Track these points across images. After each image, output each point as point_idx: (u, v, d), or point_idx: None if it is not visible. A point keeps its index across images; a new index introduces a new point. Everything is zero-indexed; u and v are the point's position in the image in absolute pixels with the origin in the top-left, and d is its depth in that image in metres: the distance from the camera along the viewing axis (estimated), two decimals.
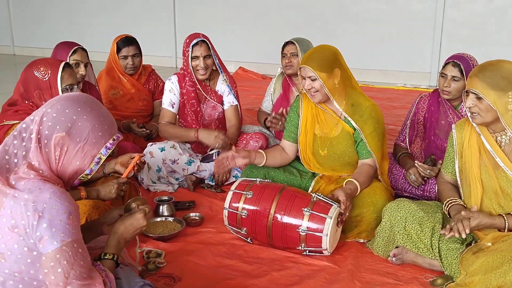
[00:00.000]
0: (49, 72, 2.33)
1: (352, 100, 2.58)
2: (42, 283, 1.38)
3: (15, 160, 1.42)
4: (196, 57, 3.16)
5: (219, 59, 3.30)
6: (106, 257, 1.57)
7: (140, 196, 2.03)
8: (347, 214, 2.34)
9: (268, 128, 3.51)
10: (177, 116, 3.34)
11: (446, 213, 2.22)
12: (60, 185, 1.46)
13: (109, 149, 1.51)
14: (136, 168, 2.48)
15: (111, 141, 1.52)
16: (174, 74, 3.34)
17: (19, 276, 1.37)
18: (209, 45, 3.19)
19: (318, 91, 2.52)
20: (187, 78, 3.26)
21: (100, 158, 1.51)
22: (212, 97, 3.32)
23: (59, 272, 1.35)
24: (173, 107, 3.28)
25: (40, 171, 1.43)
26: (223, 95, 3.35)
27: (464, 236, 2.00)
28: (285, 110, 3.25)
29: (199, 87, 3.26)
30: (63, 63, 2.36)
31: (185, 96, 3.27)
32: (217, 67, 3.29)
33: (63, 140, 1.45)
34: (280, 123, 3.19)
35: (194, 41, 3.15)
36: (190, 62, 3.17)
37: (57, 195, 1.37)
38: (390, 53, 6.59)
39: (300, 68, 2.54)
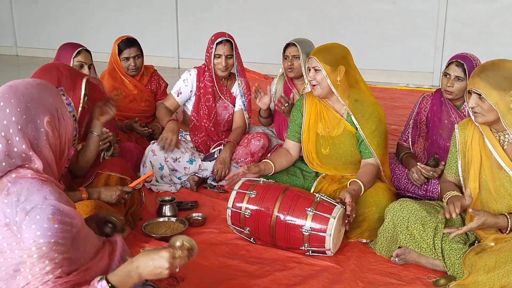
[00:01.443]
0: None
1: (357, 96, 2.59)
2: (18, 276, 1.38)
3: (10, 160, 1.41)
4: (219, 56, 3.23)
5: (239, 62, 3.34)
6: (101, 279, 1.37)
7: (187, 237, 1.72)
8: (353, 215, 2.34)
9: (263, 117, 3.49)
10: (182, 115, 3.42)
11: (445, 204, 2.21)
12: (55, 183, 1.45)
13: (69, 104, 1.55)
14: (152, 178, 2.45)
15: (64, 98, 1.56)
16: (194, 67, 3.40)
17: (13, 275, 1.38)
18: (233, 46, 3.25)
19: (318, 84, 2.53)
20: (206, 73, 3.31)
21: (74, 116, 1.56)
22: (226, 97, 3.37)
23: (40, 270, 1.33)
24: (178, 96, 3.35)
25: (37, 168, 1.43)
26: (236, 97, 3.41)
27: (454, 216, 2.02)
28: (293, 95, 3.26)
29: (216, 85, 3.31)
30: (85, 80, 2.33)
31: (202, 90, 3.32)
32: (235, 70, 3.34)
33: (51, 125, 1.46)
34: (286, 104, 3.10)
35: (219, 40, 3.22)
36: (212, 59, 3.23)
37: (46, 194, 1.36)
38: (393, 52, 6.58)
39: (308, 59, 2.59)
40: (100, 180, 2.52)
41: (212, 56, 3.23)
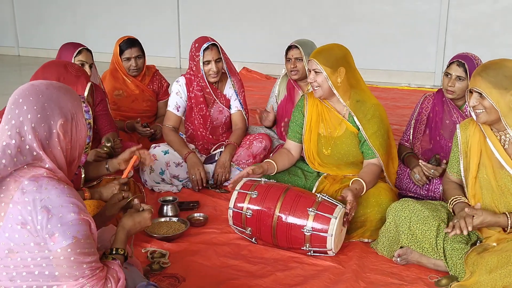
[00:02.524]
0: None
1: (358, 97, 2.59)
2: (53, 276, 1.41)
3: (22, 156, 1.44)
4: (208, 62, 3.13)
5: (228, 62, 3.29)
6: (118, 253, 1.63)
7: (140, 194, 2.05)
8: (352, 214, 2.34)
9: (268, 127, 3.54)
10: (183, 119, 3.35)
11: (451, 210, 2.22)
12: (67, 182, 1.48)
13: (87, 112, 1.58)
14: (137, 162, 2.48)
15: (83, 105, 1.61)
16: (181, 75, 3.32)
17: (29, 270, 1.40)
18: (219, 48, 3.18)
19: (319, 86, 2.53)
20: (194, 83, 3.23)
21: (89, 123, 1.58)
22: (222, 101, 3.31)
23: (70, 267, 1.39)
24: (178, 110, 3.26)
25: (49, 168, 1.45)
26: (230, 99, 3.35)
27: (465, 233, 2.00)
28: (271, 107, 3.48)
29: (210, 90, 3.23)
30: (89, 84, 2.39)
31: (193, 100, 3.25)
32: (226, 70, 3.28)
33: (64, 128, 1.48)
34: (263, 116, 3.43)
35: (205, 45, 3.11)
36: (201, 66, 3.13)
37: (65, 193, 1.40)
38: (395, 53, 6.58)
39: (308, 61, 2.60)
40: (104, 184, 2.53)
41: (201, 64, 3.13)
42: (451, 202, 2.21)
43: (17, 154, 1.42)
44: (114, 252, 1.63)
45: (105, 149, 2.71)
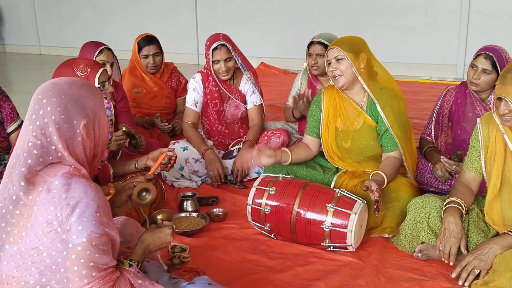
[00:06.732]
0: (89, 70, 2.35)
1: (380, 86, 2.56)
2: (66, 273, 1.42)
3: (48, 157, 1.45)
4: (217, 61, 3.15)
5: (242, 58, 3.28)
6: (132, 264, 1.58)
7: (166, 209, 2.00)
8: (381, 202, 2.28)
9: (296, 119, 3.47)
10: (200, 115, 3.37)
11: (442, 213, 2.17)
12: (90, 179, 1.49)
13: (109, 109, 1.56)
14: (167, 164, 2.50)
15: (105, 101, 1.58)
16: (198, 72, 3.34)
17: (55, 268, 1.42)
18: (229, 48, 3.16)
19: (342, 74, 2.50)
20: (210, 78, 3.25)
21: (111, 120, 1.56)
22: (236, 97, 3.31)
23: (78, 265, 1.38)
24: (196, 106, 3.30)
25: (72, 166, 1.47)
26: (246, 94, 3.35)
27: (452, 263, 2.07)
28: (310, 92, 3.20)
29: (223, 86, 3.26)
30: (102, 69, 2.39)
31: (208, 96, 3.28)
32: (240, 66, 3.28)
33: (87, 127, 1.49)
34: (300, 102, 3.15)
35: (214, 45, 3.12)
36: (211, 65, 3.17)
37: (90, 191, 1.41)
38: (415, 45, 6.49)
39: (328, 50, 2.55)
40: (127, 178, 2.56)
41: (211, 63, 3.16)
42: (445, 204, 2.16)
43: (43, 154, 1.44)
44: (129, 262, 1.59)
45: (124, 129, 2.68)
